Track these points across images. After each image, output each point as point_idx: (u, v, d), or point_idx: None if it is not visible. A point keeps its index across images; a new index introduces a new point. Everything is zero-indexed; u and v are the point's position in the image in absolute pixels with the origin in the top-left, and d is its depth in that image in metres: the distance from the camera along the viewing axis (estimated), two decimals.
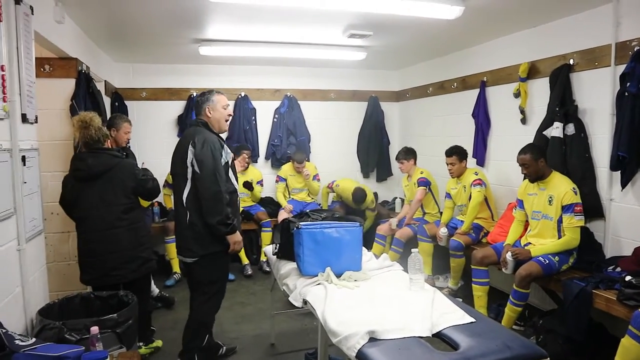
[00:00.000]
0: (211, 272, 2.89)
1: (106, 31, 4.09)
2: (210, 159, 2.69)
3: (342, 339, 1.85)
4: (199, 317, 2.93)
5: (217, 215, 2.69)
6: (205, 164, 2.68)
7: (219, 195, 2.69)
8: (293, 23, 3.92)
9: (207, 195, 2.69)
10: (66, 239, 3.58)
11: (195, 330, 2.93)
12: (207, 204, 2.70)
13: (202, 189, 2.70)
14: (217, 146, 2.77)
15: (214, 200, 2.68)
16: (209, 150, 2.70)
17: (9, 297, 2.23)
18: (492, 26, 4.04)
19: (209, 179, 2.68)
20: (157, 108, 5.66)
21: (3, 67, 2.22)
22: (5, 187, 2.23)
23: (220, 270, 2.96)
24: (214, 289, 2.93)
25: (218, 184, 2.69)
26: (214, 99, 2.90)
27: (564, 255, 3.30)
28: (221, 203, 2.69)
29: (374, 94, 6.32)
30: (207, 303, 2.93)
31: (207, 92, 2.96)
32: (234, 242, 2.82)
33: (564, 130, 3.55)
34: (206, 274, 2.88)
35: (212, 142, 2.74)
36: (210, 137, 2.78)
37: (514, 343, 1.81)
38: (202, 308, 2.93)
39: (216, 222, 2.69)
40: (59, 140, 3.54)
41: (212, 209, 2.69)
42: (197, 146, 2.70)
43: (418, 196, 4.75)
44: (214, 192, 2.68)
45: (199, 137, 2.74)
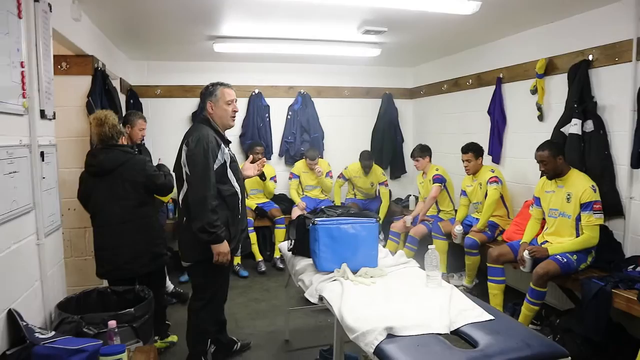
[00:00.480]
0: (206, 278, 2.79)
1: (122, 28, 4.12)
2: (200, 160, 2.55)
3: (360, 335, 1.84)
4: (198, 324, 2.85)
5: (199, 222, 2.54)
6: (194, 166, 2.56)
7: (203, 200, 2.54)
8: (307, 19, 3.91)
9: (193, 198, 2.57)
10: (83, 234, 3.62)
11: (195, 337, 2.87)
12: (192, 208, 2.57)
13: (190, 192, 2.59)
14: (212, 146, 2.60)
15: (198, 205, 2.55)
16: (200, 150, 2.56)
17: (28, 291, 2.25)
18: (509, 21, 3.98)
19: (196, 181, 2.56)
20: (172, 105, 5.69)
21: (22, 64, 2.23)
22: (24, 182, 2.25)
23: (215, 277, 2.83)
24: (207, 295, 2.83)
25: (204, 187, 2.55)
26: (217, 94, 2.73)
27: (583, 254, 3.25)
28: (205, 209, 2.53)
29: (387, 91, 6.29)
30: (203, 310, 2.83)
31: (211, 84, 2.79)
32: (217, 253, 2.63)
33: (583, 127, 3.50)
34: (201, 280, 2.80)
35: (206, 142, 2.58)
36: (207, 135, 2.62)
37: (534, 341, 1.78)
38: (199, 315, 2.84)
39: (198, 228, 2.55)
40: (76, 137, 3.57)
41: (196, 214, 2.55)
42: (190, 145, 2.58)
43: (433, 193, 4.72)
44: (200, 196, 2.55)
45: (194, 136, 2.61)
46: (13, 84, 2.14)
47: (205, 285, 2.81)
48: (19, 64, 2.19)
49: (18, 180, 2.16)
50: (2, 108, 2.03)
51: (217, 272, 2.80)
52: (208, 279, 2.79)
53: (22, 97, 2.23)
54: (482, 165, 4.38)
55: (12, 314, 2.01)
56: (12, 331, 2.00)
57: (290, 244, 2.94)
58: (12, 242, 2.09)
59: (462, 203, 4.55)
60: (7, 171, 2.04)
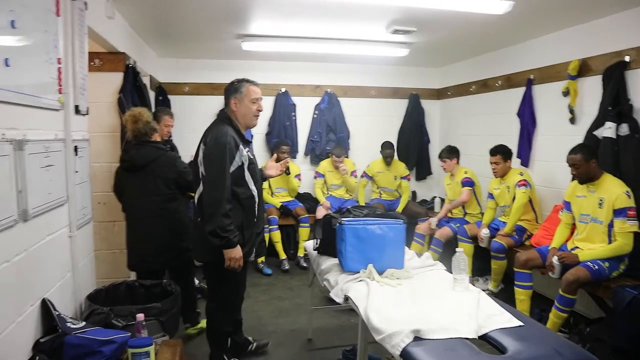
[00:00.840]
0: (218, 280, 2.73)
1: (153, 26, 4.19)
2: (217, 161, 2.47)
3: (386, 336, 1.83)
4: (213, 325, 2.84)
5: (211, 224, 2.46)
6: (210, 166, 2.48)
7: (217, 203, 2.45)
8: (336, 19, 3.90)
9: (206, 200, 2.49)
10: (112, 227, 3.69)
11: (212, 337, 2.87)
12: (206, 211, 2.49)
13: (204, 193, 2.51)
14: (231, 147, 2.50)
15: (211, 208, 2.46)
16: (217, 150, 2.47)
17: (60, 282, 2.31)
18: (541, 21, 3.90)
19: (211, 182, 2.47)
20: (199, 102, 5.75)
21: (59, 61, 2.29)
22: (59, 175, 2.31)
23: (228, 279, 2.73)
24: (220, 296, 2.78)
25: (218, 189, 2.45)
26: (242, 90, 2.63)
27: (615, 261, 3.16)
28: (218, 212, 2.44)
29: (414, 92, 6.24)
30: (218, 310, 2.80)
31: (237, 80, 2.68)
32: (228, 258, 2.53)
33: (617, 131, 3.40)
34: (213, 281, 2.77)
35: (224, 142, 2.48)
36: (226, 134, 2.51)
37: (565, 350, 1.74)
38: (215, 315, 2.82)
39: (209, 231, 2.47)
40: (107, 132, 3.64)
41: (209, 217, 2.47)
42: (208, 144, 2.50)
43: (464, 197, 4.65)
44: (213, 199, 2.46)
45: (212, 134, 2.53)
46: (50, 79, 2.20)
47: (217, 287, 2.77)
48: (56, 60, 2.24)
49: (53, 173, 2.22)
50: (40, 103, 2.08)
51: (230, 275, 2.68)
52: (220, 281, 2.73)
53: (58, 93, 2.29)
54: (510, 168, 4.30)
55: (46, 303, 2.06)
56: (46, 320, 2.06)
57: (315, 243, 2.94)
58: (46, 233, 2.15)
59: (489, 206, 4.48)
60: (44, 164, 2.10)
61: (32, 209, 1.95)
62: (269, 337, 3.51)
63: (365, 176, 5.74)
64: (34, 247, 2.00)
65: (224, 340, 2.89)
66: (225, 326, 2.87)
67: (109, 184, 3.62)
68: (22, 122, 1.91)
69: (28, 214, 1.91)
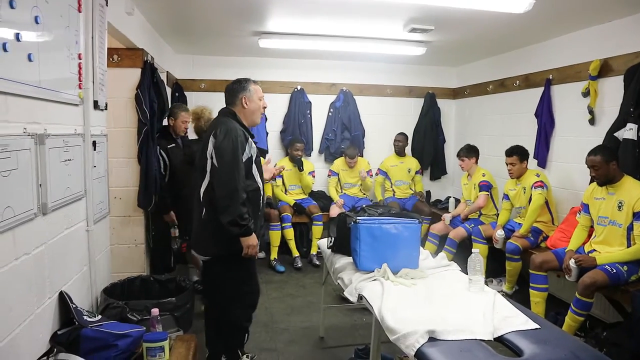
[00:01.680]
0: (227, 273, 2.67)
1: (170, 22, 4.21)
2: (230, 153, 2.47)
3: (401, 336, 1.82)
4: (232, 320, 2.75)
5: (229, 215, 2.45)
6: (224, 157, 2.47)
7: (234, 192, 2.45)
8: (354, 16, 3.89)
9: (222, 191, 2.47)
10: (127, 222, 3.72)
11: (229, 332, 2.78)
12: (221, 201, 2.47)
13: (217, 184, 2.49)
14: (241, 139, 2.53)
15: (228, 198, 2.45)
16: (230, 143, 2.48)
17: (78, 275, 2.34)
18: (562, 21, 3.84)
19: (226, 174, 2.46)
20: (215, 99, 5.72)
21: (80, 56, 2.32)
22: (77, 170, 2.34)
23: (240, 271, 2.70)
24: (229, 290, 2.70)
25: (235, 180, 2.46)
26: (251, 89, 2.68)
27: (634, 265, 3.10)
28: (236, 201, 2.45)
29: (430, 91, 6.20)
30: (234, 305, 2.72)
31: (242, 80, 2.72)
32: (247, 246, 2.55)
33: (639, 132, 3.34)
34: (222, 275, 2.68)
35: (235, 135, 2.51)
36: (235, 128, 2.55)
37: (583, 353, 1.71)
38: (230, 310, 2.72)
39: (228, 221, 2.46)
40: (124, 128, 3.66)
41: (225, 207, 2.45)
42: (219, 137, 2.49)
43: (480, 202, 4.60)
44: (230, 189, 2.45)
45: (222, 128, 2.52)
46: (71, 75, 2.23)
47: (225, 280, 2.70)
48: (76, 56, 2.28)
49: (72, 167, 2.25)
50: (61, 98, 2.11)
51: (241, 266, 2.68)
52: (232, 273, 2.68)
53: (78, 88, 2.32)
54: (526, 169, 4.24)
55: (64, 296, 2.09)
56: (63, 312, 2.10)
57: (330, 241, 2.93)
58: (64, 227, 2.18)
59: (504, 207, 4.43)
60: (63, 159, 2.13)
61: (52, 203, 1.98)
62: (282, 334, 3.53)
63: (381, 173, 5.74)
64: (53, 240, 2.03)
65: (242, 336, 2.87)
66: (245, 321, 2.85)
67: (125, 179, 3.67)
68: (43, 117, 1.94)
69: (47, 207, 1.94)
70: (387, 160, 5.79)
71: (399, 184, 5.73)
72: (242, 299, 2.78)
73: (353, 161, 5.46)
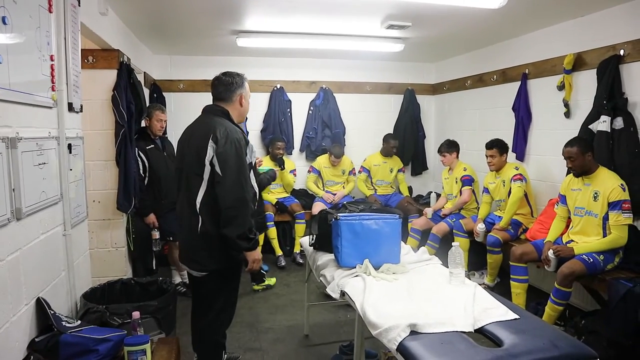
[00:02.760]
0: (222, 287, 2.47)
1: (146, 22, 4.16)
2: (235, 159, 2.25)
3: (382, 331, 1.83)
4: (212, 338, 2.54)
5: (239, 228, 2.23)
6: (229, 165, 2.24)
7: (243, 203, 2.24)
8: (331, 14, 3.89)
9: (228, 202, 2.23)
10: (107, 226, 3.67)
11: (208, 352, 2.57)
12: (227, 213, 2.24)
13: (223, 195, 2.23)
14: (242, 143, 2.33)
15: (236, 209, 2.23)
16: (233, 148, 2.26)
17: (55, 280, 2.30)
18: (536, 16, 3.89)
19: (232, 182, 2.23)
20: (195, 99, 5.70)
21: (52, 57, 2.27)
22: (52, 173, 2.29)
23: (232, 285, 2.55)
24: (222, 304, 2.51)
25: (243, 189, 2.25)
26: (245, 85, 2.50)
27: (610, 254, 3.18)
28: (245, 213, 2.25)
29: (410, 87, 6.24)
30: (215, 321, 2.51)
31: (237, 74, 2.50)
32: (252, 260, 2.37)
33: (612, 124, 3.40)
34: (216, 290, 2.46)
35: (237, 138, 2.30)
36: (235, 131, 2.34)
37: (562, 342, 1.75)
38: (212, 327, 2.51)
39: (237, 235, 2.24)
40: (101, 130, 3.61)
41: (233, 219, 2.23)
42: (220, 142, 2.24)
43: (465, 197, 4.65)
44: (238, 199, 2.23)
45: (221, 131, 2.28)
46: (43, 77, 2.18)
47: (219, 294, 2.48)
48: (48, 57, 2.23)
49: (47, 171, 2.20)
50: (33, 100, 2.07)
51: (235, 278, 2.54)
52: (224, 286, 2.48)
53: (51, 90, 2.28)
54: (506, 162, 4.30)
55: (41, 302, 2.05)
56: (41, 319, 2.06)
57: (312, 239, 2.93)
58: (40, 232, 2.13)
59: (484, 200, 4.49)
60: (37, 162, 2.08)
61: (26, 208, 1.94)
62: (266, 333, 3.52)
63: (364, 170, 5.75)
64: (28, 245, 1.99)
65: (220, 354, 2.64)
66: (222, 337, 2.64)
67: (103, 182, 3.62)
68: (14, 120, 1.89)
69: (22, 212, 1.90)
70: (372, 158, 5.78)
71: (380, 184, 5.75)
72: (229, 313, 2.62)
73: (338, 160, 5.47)
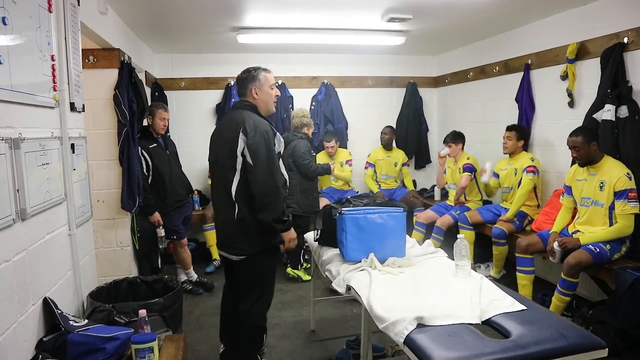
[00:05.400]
0: (261, 270, 2.63)
1: (146, 21, 4.15)
2: (264, 149, 2.43)
3: (389, 324, 1.82)
4: (255, 321, 2.67)
5: (273, 213, 2.45)
6: (259, 155, 2.42)
7: (275, 189, 2.45)
8: (331, 8, 3.87)
9: (261, 189, 2.43)
10: (112, 225, 3.68)
11: (251, 336, 2.69)
12: (261, 199, 2.44)
13: (255, 183, 2.43)
14: (271, 134, 2.50)
15: (269, 196, 2.44)
16: (262, 139, 2.43)
17: (62, 280, 2.30)
18: (538, 5, 3.86)
19: (263, 171, 2.42)
20: (196, 97, 5.73)
21: (53, 57, 2.27)
22: (56, 174, 2.29)
23: (270, 267, 2.72)
24: (259, 288, 2.65)
25: (274, 177, 2.45)
26: (260, 78, 2.61)
27: (616, 243, 3.16)
28: (277, 199, 2.46)
29: (412, 80, 6.21)
30: (257, 303, 2.65)
31: (252, 69, 2.64)
32: (289, 239, 2.60)
33: (617, 113, 3.38)
34: (257, 272, 2.61)
35: (265, 130, 2.47)
36: (262, 123, 2.51)
37: (570, 332, 1.74)
38: (254, 310, 2.64)
39: (272, 219, 2.46)
40: (103, 129, 3.61)
41: (266, 205, 2.44)
42: (250, 134, 2.42)
43: (463, 183, 4.63)
44: (270, 186, 2.44)
45: (250, 123, 2.45)
46: (44, 77, 2.18)
47: (259, 277, 2.63)
48: (49, 57, 2.22)
49: (50, 171, 2.20)
50: (35, 101, 2.06)
51: (272, 261, 2.73)
52: (263, 270, 2.64)
53: (52, 90, 2.27)
54: (521, 149, 4.27)
55: (48, 302, 2.06)
56: (48, 319, 2.06)
57: (316, 234, 2.93)
58: (45, 232, 2.14)
59: (492, 184, 4.48)
60: (40, 163, 2.08)
61: (30, 208, 1.94)
62: (273, 329, 3.52)
63: (370, 166, 5.73)
64: (34, 246, 1.99)
65: (261, 338, 2.78)
66: (264, 321, 2.77)
67: (107, 181, 3.62)
68: (17, 121, 1.89)
69: (26, 212, 1.90)
70: (375, 153, 5.78)
71: (384, 178, 5.74)
72: (268, 296, 2.75)
73: (330, 145, 5.43)
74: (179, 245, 4.28)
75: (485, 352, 1.60)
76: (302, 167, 4.50)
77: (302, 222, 4.37)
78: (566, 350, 1.66)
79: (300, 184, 4.55)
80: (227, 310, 2.85)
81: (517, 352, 1.62)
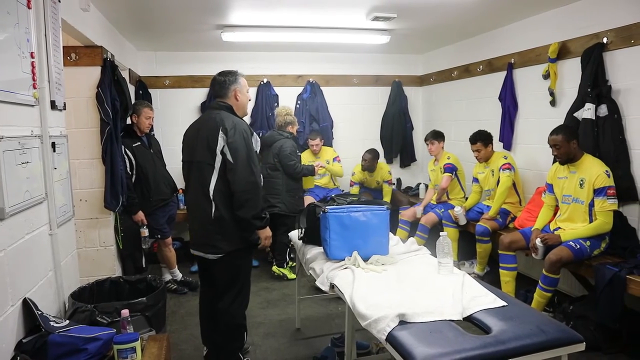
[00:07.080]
0: (238, 268, 2.68)
1: (130, 19, 4.11)
2: (244, 148, 2.49)
3: (372, 322, 1.84)
4: (234, 320, 2.71)
5: (252, 209, 2.50)
6: (239, 153, 2.47)
7: (255, 186, 2.51)
8: (316, 7, 3.87)
9: (241, 187, 2.48)
10: (94, 224, 3.64)
11: (231, 334, 2.73)
12: (241, 197, 2.48)
13: (235, 180, 2.48)
14: (249, 133, 2.57)
15: (249, 192, 2.49)
16: (242, 137, 2.50)
17: (43, 280, 2.27)
18: (520, 5, 3.91)
19: (244, 169, 2.48)
20: (181, 95, 5.69)
21: (32, 54, 2.23)
22: (36, 172, 2.26)
23: (247, 265, 2.78)
24: (238, 285, 2.70)
25: (254, 174, 2.51)
26: (240, 82, 2.70)
27: (596, 240, 3.22)
28: (257, 196, 2.53)
29: (397, 79, 6.23)
30: (235, 301, 2.69)
31: (231, 72, 2.72)
32: (265, 237, 2.67)
33: (596, 112, 3.44)
34: (233, 270, 2.66)
35: (244, 129, 2.55)
36: (241, 122, 2.58)
37: (549, 327, 1.77)
38: (233, 309, 2.69)
39: (251, 216, 2.51)
40: (86, 128, 3.57)
41: (246, 202, 2.49)
42: (230, 132, 2.48)
43: (443, 184, 4.67)
44: (250, 183, 2.49)
45: (229, 122, 2.51)
46: (23, 74, 2.15)
47: (236, 275, 2.68)
48: (29, 54, 2.19)
49: (30, 170, 2.17)
50: (13, 99, 2.03)
51: (249, 259, 2.80)
52: (240, 267, 2.69)
53: (32, 88, 2.24)
54: (493, 152, 4.33)
55: (28, 303, 2.03)
56: (28, 320, 2.03)
57: (300, 232, 2.93)
58: (25, 232, 2.11)
59: (474, 190, 4.52)
60: (20, 162, 2.05)
61: (9, 207, 1.91)
62: (258, 328, 3.52)
63: (355, 184, 5.62)
64: (13, 246, 1.96)
65: (242, 337, 2.81)
66: (243, 319, 2.80)
67: (90, 180, 3.58)
68: None
69: (5, 212, 1.87)
70: (359, 174, 5.59)
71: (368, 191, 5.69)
72: (245, 294, 2.78)
73: (314, 143, 5.41)
74: (163, 245, 4.26)
75: (466, 348, 1.62)
76: (288, 167, 4.55)
77: (288, 221, 4.37)
78: (545, 345, 1.69)
79: (286, 183, 4.60)
80: (206, 311, 2.84)
81: (498, 348, 1.64)
